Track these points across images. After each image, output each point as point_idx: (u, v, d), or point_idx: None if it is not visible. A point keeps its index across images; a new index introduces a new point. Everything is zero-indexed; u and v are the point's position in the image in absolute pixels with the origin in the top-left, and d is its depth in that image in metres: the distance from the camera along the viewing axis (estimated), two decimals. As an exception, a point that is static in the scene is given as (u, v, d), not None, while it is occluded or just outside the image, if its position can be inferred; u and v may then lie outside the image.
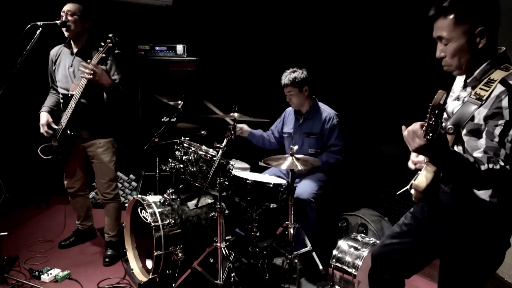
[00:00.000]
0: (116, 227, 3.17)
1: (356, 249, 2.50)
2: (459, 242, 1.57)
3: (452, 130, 1.42)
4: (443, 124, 1.61)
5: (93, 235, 3.46)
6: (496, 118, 1.38)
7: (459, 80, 1.68)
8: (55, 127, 2.93)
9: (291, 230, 2.70)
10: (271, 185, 2.61)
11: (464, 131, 1.49)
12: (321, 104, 3.19)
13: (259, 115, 2.86)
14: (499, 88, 1.40)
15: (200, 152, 2.66)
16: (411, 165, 1.69)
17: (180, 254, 2.56)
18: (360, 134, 3.70)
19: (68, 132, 2.87)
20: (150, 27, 4.29)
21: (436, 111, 1.23)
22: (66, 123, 2.84)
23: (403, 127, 1.37)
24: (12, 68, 2.57)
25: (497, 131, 1.38)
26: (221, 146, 2.44)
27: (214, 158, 2.54)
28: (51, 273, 2.80)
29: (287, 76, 3.08)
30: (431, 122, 1.25)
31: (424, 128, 1.28)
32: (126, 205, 2.83)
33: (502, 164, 1.36)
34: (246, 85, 4.19)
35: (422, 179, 1.47)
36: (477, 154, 1.43)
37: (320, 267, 2.77)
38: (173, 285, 2.61)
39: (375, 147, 3.63)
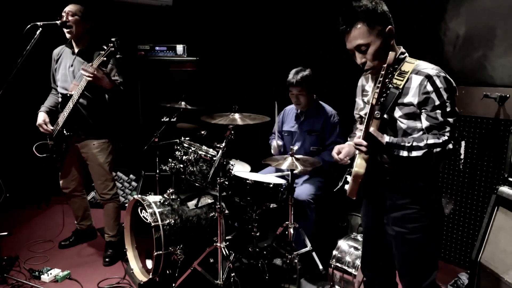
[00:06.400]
0: (116, 227, 3.17)
1: (356, 249, 2.50)
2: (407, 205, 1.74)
3: (379, 115, 1.62)
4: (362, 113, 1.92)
5: (93, 235, 3.46)
6: (429, 102, 1.62)
7: (364, 79, 1.95)
8: (51, 127, 2.93)
9: (291, 230, 2.70)
10: (271, 185, 2.62)
11: (399, 114, 1.68)
12: (321, 102, 3.19)
13: (259, 114, 2.86)
14: (418, 77, 1.64)
15: (200, 152, 2.65)
16: (336, 156, 1.94)
17: (180, 254, 2.56)
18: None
19: (65, 132, 2.87)
20: (150, 27, 4.30)
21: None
22: (63, 123, 2.84)
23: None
24: (12, 68, 2.57)
25: (438, 114, 1.61)
26: (221, 146, 2.44)
27: (214, 158, 2.54)
28: (51, 273, 2.80)
29: (297, 75, 2.97)
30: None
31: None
32: (126, 205, 2.83)
33: (446, 138, 1.59)
34: (246, 85, 4.19)
35: (359, 165, 1.68)
36: (418, 134, 1.66)
37: (320, 267, 2.76)
38: (173, 285, 2.61)
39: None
